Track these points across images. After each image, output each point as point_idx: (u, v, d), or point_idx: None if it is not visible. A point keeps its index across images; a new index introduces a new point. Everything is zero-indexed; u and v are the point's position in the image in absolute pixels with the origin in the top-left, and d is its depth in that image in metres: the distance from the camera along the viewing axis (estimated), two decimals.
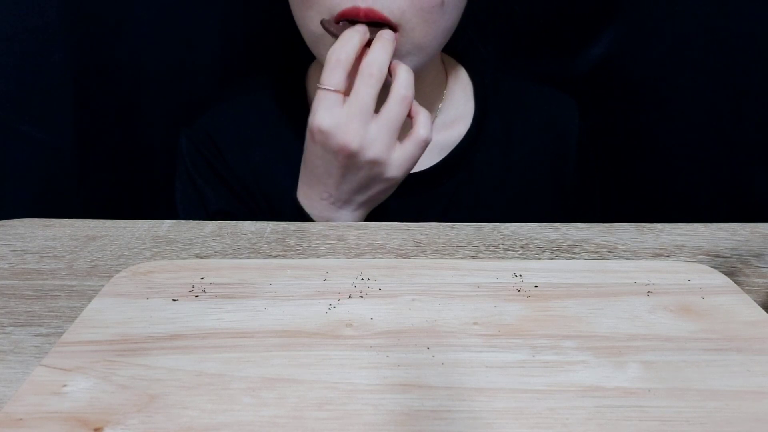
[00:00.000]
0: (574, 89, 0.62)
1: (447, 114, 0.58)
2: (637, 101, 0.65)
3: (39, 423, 0.24)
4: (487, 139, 0.58)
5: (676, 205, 0.66)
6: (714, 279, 0.35)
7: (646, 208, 0.66)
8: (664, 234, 0.42)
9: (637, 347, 0.29)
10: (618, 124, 0.66)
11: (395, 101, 0.44)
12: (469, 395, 0.26)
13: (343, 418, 0.24)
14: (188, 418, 0.24)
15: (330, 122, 0.44)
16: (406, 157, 0.45)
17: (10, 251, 0.39)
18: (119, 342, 0.29)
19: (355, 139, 0.43)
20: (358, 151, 0.44)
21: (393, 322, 0.30)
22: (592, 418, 0.24)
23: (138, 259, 0.38)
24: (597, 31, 0.64)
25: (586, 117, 0.61)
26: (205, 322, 0.30)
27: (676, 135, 0.64)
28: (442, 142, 0.57)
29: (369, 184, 0.46)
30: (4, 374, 0.28)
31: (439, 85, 0.58)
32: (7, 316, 0.32)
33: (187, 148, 0.58)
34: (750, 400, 0.26)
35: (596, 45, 0.64)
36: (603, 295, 0.33)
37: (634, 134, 0.66)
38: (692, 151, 0.64)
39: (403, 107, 0.45)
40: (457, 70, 0.60)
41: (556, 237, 0.41)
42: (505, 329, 0.30)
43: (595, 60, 0.64)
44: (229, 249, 0.39)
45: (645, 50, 0.62)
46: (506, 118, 0.59)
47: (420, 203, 0.56)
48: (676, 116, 0.63)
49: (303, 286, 0.33)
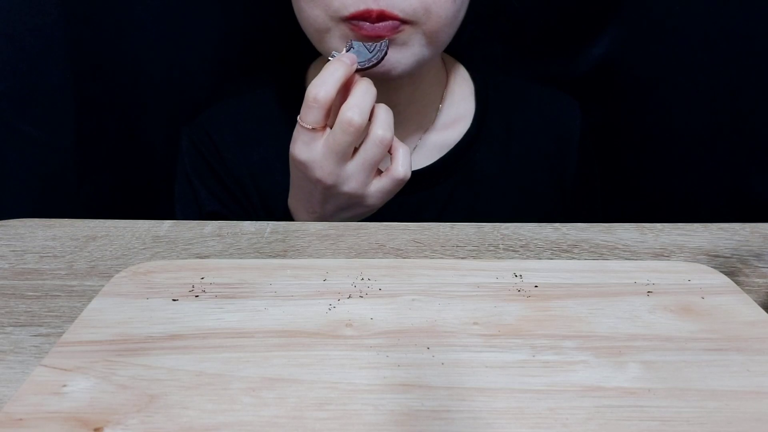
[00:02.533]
0: (574, 89, 0.62)
1: (447, 114, 0.58)
2: (637, 101, 0.65)
3: (39, 423, 0.24)
4: (487, 139, 0.58)
5: (676, 205, 0.66)
6: (714, 279, 0.35)
7: (646, 208, 0.66)
8: (664, 234, 0.42)
9: (637, 347, 0.29)
10: (619, 124, 0.66)
11: (373, 143, 0.44)
12: (469, 395, 0.26)
13: (343, 418, 0.24)
14: (188, 418, 0.24)
15: (307, 156, 0.44)
16: (382, 191, 0.46)
17: (10, 251, 0.39)
18: (119, 342, 0.29)
19: (330, 177, 0.44)
20: (334, 185, 0.44)
21: (393, 322, 0.30)
22: (592, 418, 0.24)
23: (138, 259, 0.38)
24: (598, 31, 0.64)
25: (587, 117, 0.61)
26: (205, 322, 0.30)
27: (677, 135, 0.64)
28: (442, 141, 0.57)
29: (349, 208, 0.47)
30: (4, 374, 0.28)
31: (439, 85, 0.58)
32: (7, 316, 0.32)
33: (186, 147, 0.58)
34: (750, 400, 0.26)
35: (597, 45, 0.64)
36: (603, 295, 0.33)
37: (634, 134, 0.66)
38: (692, 152, 0.64)
39: (381, 149, 0.44)
40: (457, 70, 0.60)
41: (556, 237, 0.41)
42: (505, 329, 0.30)
43: (595, 60, 0.64)
44: (229, 249, 0.39)
45: (645, 50, 0.62)
46: (507, 118, 0.59)
47: (417, 202, 0.56)
48: (677, 116, 0.63)
49: (303, 286, 0.33)
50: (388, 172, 0.46)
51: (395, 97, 0.53)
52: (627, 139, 0.66)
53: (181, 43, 0.62)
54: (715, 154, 0.63)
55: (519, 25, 0.65)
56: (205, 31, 0.63)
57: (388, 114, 0.45)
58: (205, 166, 0.57)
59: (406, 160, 0.46)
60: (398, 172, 0.46)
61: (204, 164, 0.57)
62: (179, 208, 0.58)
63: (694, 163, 0.64)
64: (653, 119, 0.64)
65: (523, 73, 0.64)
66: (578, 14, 0.63)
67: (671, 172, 0.65)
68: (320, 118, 0.43)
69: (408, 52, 0.48)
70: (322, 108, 0.43)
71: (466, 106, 0.58)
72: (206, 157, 0.57)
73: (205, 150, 0.57)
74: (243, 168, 0.57)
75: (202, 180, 0.57)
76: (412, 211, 0.55)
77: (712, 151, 0.63)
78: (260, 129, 0.57)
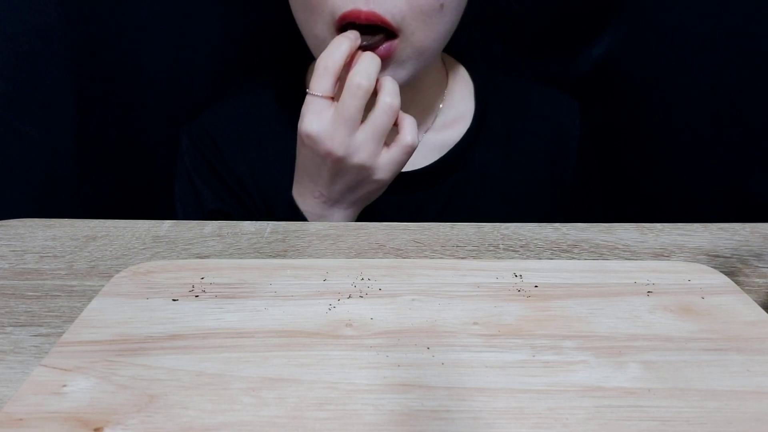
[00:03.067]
0: (574, 89, 0.62)
1: (447, 114, 0.58)
2: (637, 101, 0.65)
3: (39, 423, 0.24)
4: (487, 139, 0.58)
5: (676, 205, 0.66)
6: (714, 279, 0.34)
7: (646, 208, 0.66)
8: (664, 234, 0.42)
9: (637, 347, 0.29)
10: (618, 124, 0.66)
11: (382, 110, 0.45)
12: (469, 395, 0.26)
13: (343, 418, 0.24)
14: (188, 418, 0.24)
15: (317, 128, 0.44)
16: (392, 161, 0.46)
17: (10, 251, 0.39)
18: (119, 342, 0.29)
19: (341, 147, 0.44)
20: (345, 157, 0.45)
21: (393, 322, 0.30)
22: (592, 418, 0.24)
23: (138, 259, 0.38)
24: (597, 31, 0.64)
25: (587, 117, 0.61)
26: (205, 322, 0.30)
27: (677, 135, 0.64)
28: (442, 141, 0.57)
29: (358, 185, 0.47)
30: (4, 374, 0.28)
31: (439, 85, 0.58)
32: (7, 316, 0.32)
33: (187, 147, 0.58)
34: (750, 400, 0.26)
35: (597, 45, 0.64)
36: (603, 295, 0.33)
37: (634, 134, 0.66)
38: (692, 151, 0.64)
39: (389, 116, 0.45)
40: (457, 70, 0.60)
41: (556, 237, 0.41)
42: (505, 329, 0.30)
43: (595, 60, 0.64)
44: (229, 249, 0.39)
45: (645, 50, 0.62)
46: (507, 118, 0.59)
47: (417, 202, 0.56)
48: (677, 116, 0.63)
49: (303, 286, 0.33)
50: (397, 141, 0.46)
51: None
52: (627, 138, 0.66)
53: (181, 43, 0.62)
54: (715, 154, 0.63)
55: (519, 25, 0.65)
56: (205, 31, 0.63)
57: (394, 83, 0.46)
58: (206, 165, 0.57)
59: (414, 128, 0.46)
60: (407, 140, 0.46)
61: (205, 163, 0.57)
62: (180, 207, 0.58)
63: (694, 163, 0.64)
64: (653, 119, 0.64)
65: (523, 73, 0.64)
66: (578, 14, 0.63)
67: (671, 172, 0.65)
68: (330, 86, 0.45)
69: (403, 71, 0.50)
70: (332, 75, 0.44)
71: (465, 106, 0.58)
72: (207, 156, 0.57)
73: (205, 149, 0.57)
74: (243, 168, 0.57)
75: (203, 179, 0.57)
76: (412, 212, 0.55)
77: (712, 151, 0.63)
78: (260, 129, 0.58)
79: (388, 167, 0.46)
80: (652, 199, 0.67)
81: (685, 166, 0.65)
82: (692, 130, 0.63)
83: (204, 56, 0.64)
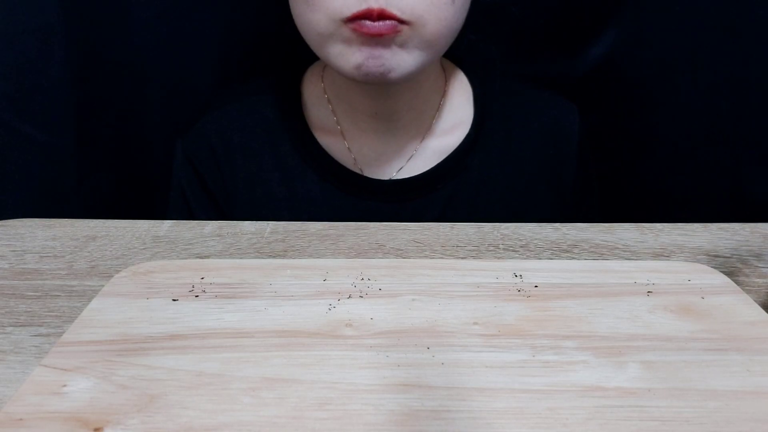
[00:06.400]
0: (574, 90, 0.62)
1: (446, 119, 0.57)
2: (636, 101, 0.65)
3: (39, 423, 0.24)
4: (486, 144, 0.57)
5: (676, 205, 0.66)
6: (714, 279, 0.35)
7: (646, 208, 0.66)
8: (664, 234, 0.42)
9: (637, 347, 0.29)
10: (618, 125, 0.66)
11: None
12: (469, 395, 0.26)
13: (343, 418, 0.24)
14: (188, 418, 0.24)
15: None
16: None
17: (10, 251, 0.39)
18: (119, 342, 0.29)
19: None
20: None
21: (393, 322, 0.30)
22: (592, 418, 0.24)
23: (138, 259, 0.38)
24: (597, 31, 0.64)
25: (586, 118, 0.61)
26: (205, 322, 0.30)
27: (676, 135, 0.64)
28: (441, 147, 0.57)
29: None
30: (4, 374, 0.28)
31: (438, 91, 0.58)
32: (7, 316, 0.32)
33: (181, 161, 0.57)
34: (750, 400, 0.26)
35: (596, 45, 0.64)
36: (603, 295, 0.33)
37: (634, 134, 0.66)
38: (692, 151, 0.64)
39: None
40: (456, 75, 0.59)
41: (556, 237, 0.41)
42: (505, 329, 0.30)
43: (594, 61, 0.64)
44: (229, 249, 0.39)
45: (645, 50, 0.62)
46: (506, 123, 0.59)
47: (416, 208, 0.56)
48: (676, 116, 0.63)
49: (303, 286, 0.33)
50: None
51: (394, 103, 0.53)
52: (627, 138, 0.66)
53: (181, 44, 0.62)
54: (715, 154, 0.63)
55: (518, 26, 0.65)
56: (205, 30, 0.63)
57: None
58: (198, 181, 0.57)
59: None
60: None
61: (197, 179, 0.57)
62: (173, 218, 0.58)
63: (693, 163, 0.64)
64: (653, 119, 0.64)
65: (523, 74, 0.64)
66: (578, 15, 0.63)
67: (671, 172, 0.65)
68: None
69: (407, 56, 0.48)
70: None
71: (464, 111, 0.58)
72: (200, 171, 0.57)
73: (199, 165, 0.56)
74: (239, 178, 0.56)
75: (195, 196, 0.57)
76: (411, 217, 0.54)
77: (712, 151, 0.63)
78: (255, 138, 0.57)
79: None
80: (652, 199, 0.67)
81: (685, 166, 0.65)
82: (692, 130, 0.63)
83: (204, 56, 0.64)
